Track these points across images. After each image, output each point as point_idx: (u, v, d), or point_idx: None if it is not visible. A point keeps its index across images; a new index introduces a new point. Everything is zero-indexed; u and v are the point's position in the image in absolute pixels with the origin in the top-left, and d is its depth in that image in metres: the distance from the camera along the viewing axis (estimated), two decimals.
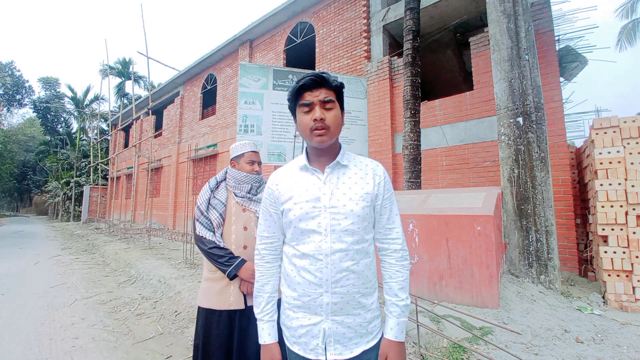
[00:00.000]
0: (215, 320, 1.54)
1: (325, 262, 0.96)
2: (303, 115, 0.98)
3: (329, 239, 0.96)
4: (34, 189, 36.18)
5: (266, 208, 1.09)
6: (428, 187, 5.87)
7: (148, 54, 10.81)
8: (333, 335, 0.96)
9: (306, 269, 0.98)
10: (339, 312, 0.97)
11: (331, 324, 0.96)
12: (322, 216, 0.97)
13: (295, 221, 0.99)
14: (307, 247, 0.98)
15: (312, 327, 0.97)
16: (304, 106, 0.97)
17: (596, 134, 3.40)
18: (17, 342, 2.85)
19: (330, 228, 0.96)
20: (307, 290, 0.98)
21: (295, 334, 1.00)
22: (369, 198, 1.00)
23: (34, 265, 6.27)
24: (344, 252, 0.96)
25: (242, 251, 1.58)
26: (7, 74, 28.97)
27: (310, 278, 0.97)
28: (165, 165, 14.54)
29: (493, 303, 2.92)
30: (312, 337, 0.97)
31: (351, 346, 0.97)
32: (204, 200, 1.64)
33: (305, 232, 0.98)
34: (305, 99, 0.97)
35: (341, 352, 0.96)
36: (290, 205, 1.01)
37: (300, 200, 0.99)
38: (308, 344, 0.98)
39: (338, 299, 0.96)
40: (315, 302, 0.97)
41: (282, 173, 1.09)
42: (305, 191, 1.00)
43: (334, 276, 0.95)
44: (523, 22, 3.87)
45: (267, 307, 1.06)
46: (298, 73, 6.68)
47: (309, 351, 0.97)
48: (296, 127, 1.05)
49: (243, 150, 1.69)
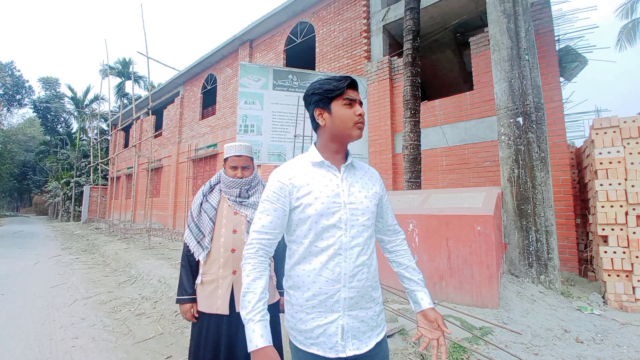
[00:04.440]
0: (205, 323, 1.54)
1: (344, 256, 0.99)
2: (345, 108, 1.03)
3: (349, 234, 1.00)
4: (34, 189, 36.18)
5: (272, 203, 1.02)
6: (428, 187, 5.87)
7: (148, 54, 10.80)
8: (350, 331, 0.98)
9: (324, 265, 0.98)
10: (354, 307, 0.99)
11: (348, 319, 0.98)
12: (342, 211, 1.01)
13: (315, 216, 0.99)
14: (327, 242, 0.99)
15: (329, 325, 0.97)
16: (348, 100, 1.03)
17: (596, 134, 3.40)
18: (17, 342, 2.85)
19: (350, 223, 1.01)
20: (324, 287, 0.98)
21: (312, 335, 0.98)
22: (377, 197, 1.11)
23: (34, 265, 6.27)
24: (360, 247, 1.01)
25: (230, 254, 1.56)
26: (7, 74, 28.98)
27: (328, 275, 0.98)
28: (165, 165, 14.55)
29: (493, 303, 2.92)
30: (330, 335, 0.97)
31: (366, 340, 1.00)
32: (197, 205, 1.64)
33: (326, 227, 0.99)
34: (349, 95, 1.04)
35: (358, 347, 0.98)
36: (310, 199, 1.00)
37: (321, 195, 1.01)
38: (327, 343, 0.97)
39: (354, 294, 0.99)
40: (332, 299, 0.98)
41: (293, 168, 1.06)
42: (324, 186, 1.02)
43: (352, 270, 0.99)
44: (523, 22, 3.87)
45: (259, 304, 0.93)
46: (298, 73, 6.68)
47: (328, 350, 0.96)
48: (324, 121, 1.05)
49: (227, 154, 1.65)
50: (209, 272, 1.56)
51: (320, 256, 0.99)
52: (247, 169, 1.65)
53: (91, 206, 20.59)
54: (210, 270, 1.56)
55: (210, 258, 1.57)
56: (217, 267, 1.56)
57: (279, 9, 8.71)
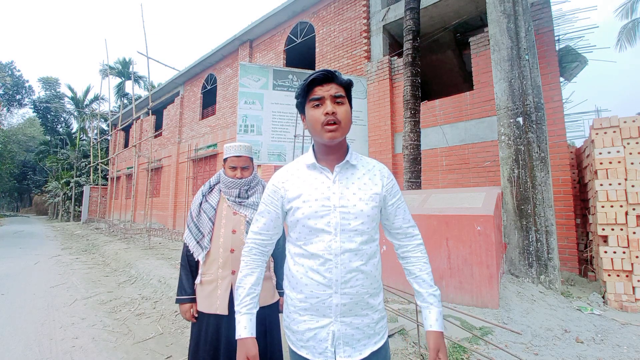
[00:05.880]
0: (204, 323, 1.54)
1: (335, 262, 0.94)
2: (313, 110, 0.96)
3: (338, 239, 0.95)
4: (34, 189, 36.19)
5: (266, 205, 1.06)
6: (428, 187, 5.87)
7: (148, 54, 10.81)
8: (342, 337, 0.94)
9: (315, 269, 0.96)
10: (348, 314, 0.95)
11: (340, 325, 0.94)
12: (332, 215, 0.96)
13: (303, 220, 0.97)
14: (316, 247, 0.96)
15: (320, 329, 0.95)
16: (314, 101, 0.96)
17: (596, 134, 3.40)
18: (17, 341, 2.85)
19: (340, 227, 0.95)
20: (315, 291, 0.95)
21: (303, 338, 0.97)
22: (378, 199, 1.01)
23: (34, 265, 6.27)
24: (353, 252, 0.95)
25: (229, 254, 1.56)
26: (7, 74, 28.97)
27: (319, 279, 0.95)
28: (165, 165, 14.54)
29: (493, 303, 2.92)
30: (320, 340, 0.95)
31: (360, 348, 0.96)
32: (196, 205, 1.64)
33: (314, 231, 0.96)
34: (316, 94, 0.96)
35: (350, 354, 0.94)
36: (299, 203, 0.98)
37: (309, 198, 0.97)
38: (317, 348, 0.95)
39: (347, 300, 0.94)
40: (324, 304, 0.95)
41: (288, 171, 1.06)
42: (314, 190, 0.99)
43: (344, 276, 0.94)
44: (523, 22, 3.87)
45: (246, 299, 1.01)
46: (298, 73, 6.68)
47: (317, 355, 0.95)
48: (305, 124, 1.03)
49: (226, 154, 1.65)
50: (208, 272, 1.56)
51: (312, 260, 0.97)
52: (246, 169, 1.65)
53: (91, 206, 20.59)
54: (209, 270, 1.56)
55: (209, 258, 1.57)
56: (217, 267, 1.56)
57: (279, 9, 8.71)
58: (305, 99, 0.99)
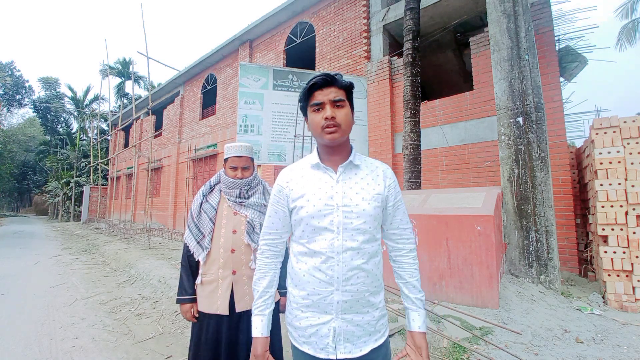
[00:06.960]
0: (205, 323, 1.54)
1: (337, 260, 0.97)
2: (314, 114, 1.01)
3: (341, 237, 0.97)
4: (34, 189, 36.20)
5: (273, 205, 1.10)
6: (428, 187, 5.87)
7: (148, 54, 10.79)
8: (343, 334, 0.97)
9: (317, 267, 0.98)
10: (349, 311, 0.98)
11: (341, 322, 0.97)
12: (335, 214, 0.98)
13: (307, 218, 1.00)
14: (319, 245, 0.98)
15: (321, 326, 0.98)
16: (315, 105, 1.00)
17: (596, 134, 3.40)
18: (17, 341, 2.85)
19: (342, 226, 0.98)
20: (317, 288, 0.98)
21: (305, 334, 1.00)
22: (380, 199, 1.03)
23: (34, 266, 6.27)
24: (355, 251, 0.98)
25: (230, 255, 1.56)
26: (7, 74, 28.96)
27: (321, 276, 0.98)
28: (165, 165, 14.54)
29: (493, 303, 2.92)
30: (322, 336, 0.97)
31: (360, 344, 0.98)
32: (197, 205, 1.64)
33: (317, 229, 0.99)
34: (316, 99, 0.99)
35: (351, 351, 0.97)
36: (303, 202, 1.01)
37: (313, 197, 1.00)
38: (318, 343, 0.98)
39: (348, 297, 0.97)
40: (325, 301, 0.97)
41: (293, 171, 1.10)
42: (317, 189, 1.01)
43: (345, 274, 0.97)
44: (523, 22, 3.87)
45: (258, 301, 1.07)
46: (298, 73, 6.68)
47: (319, 350, 0.98)
48: (307, 126, 1.07)
49: (227, 155, 1.65)
50: (209, 272, 1.56)
51: (314, 258, 0.99)
52: (247, 169, 1.65)
53: (91, 206, 20.58)
54: (210, 270, 1.56)
55: (210, 258, 1.57)
56: (217, 267, 1.55)
57: (279, 9, 8.71)
58: (306, 103, 1.03)
